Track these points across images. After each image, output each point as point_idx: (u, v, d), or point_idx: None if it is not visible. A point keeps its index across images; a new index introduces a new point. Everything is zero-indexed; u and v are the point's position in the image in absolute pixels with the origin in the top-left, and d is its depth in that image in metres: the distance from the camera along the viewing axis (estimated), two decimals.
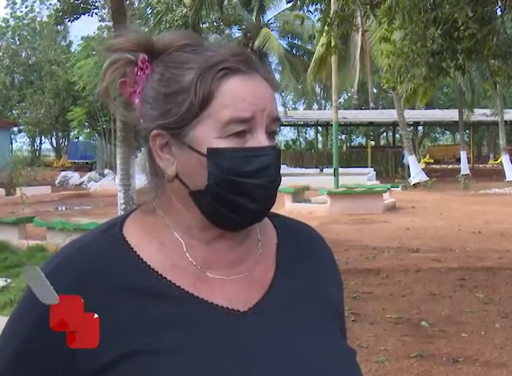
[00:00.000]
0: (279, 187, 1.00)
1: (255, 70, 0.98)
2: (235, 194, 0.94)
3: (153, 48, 1.00)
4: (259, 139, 0.95)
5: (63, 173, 31.50)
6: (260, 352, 0.95)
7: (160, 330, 0.93)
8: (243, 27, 32.03)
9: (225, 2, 28.53)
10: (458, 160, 34.69)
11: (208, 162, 0.94)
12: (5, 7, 55.02)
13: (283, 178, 1.04)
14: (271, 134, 0.98)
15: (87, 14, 20.32)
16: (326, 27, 9.37)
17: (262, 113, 0.96)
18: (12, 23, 47.95)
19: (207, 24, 28.64)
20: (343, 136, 53.99)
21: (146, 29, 27.34)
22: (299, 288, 1.06)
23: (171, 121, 0.96)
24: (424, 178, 25.40)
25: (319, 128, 45.81)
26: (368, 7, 9.55)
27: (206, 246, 1.00)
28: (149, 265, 0.98)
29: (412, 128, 38.10)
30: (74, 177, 30.35)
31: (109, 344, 0.92)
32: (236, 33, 33.94)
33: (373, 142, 49.04)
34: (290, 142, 57.53)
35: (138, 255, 0.99)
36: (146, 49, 1.00)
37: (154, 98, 0.98)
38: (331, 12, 9.58)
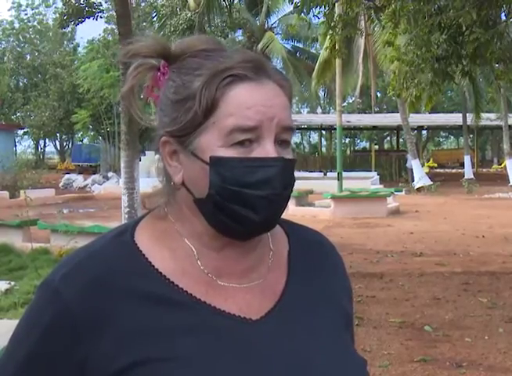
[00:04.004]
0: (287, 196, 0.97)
1: (267, 77, 0.95)
2: (236, 204, 0.92)
3: (170, 54, 1.00)
4: (266, 150, 0.93)
5: (66, 176, 31.54)
6: (272, 360, 0.94)
7: (173, 337, 0.92)
8: (248, 30, 32.09)
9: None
10: (462, 165, 34.63)
11: (210, 171, 0.93)
12: (9, 9, 54.98)
13: None
14: (283, 143, 0.96)
15: (92, 17, 20.35)
16: (329, 31, 9.37)
17: (270, 122, 0.93)
18: (16, 25, 48.09)
19: (212, 28, 28.68)
20: (347, 140, 54.00)
21: (151, 33, 27.35)
22: (311, 297, 1.05)
23: (177, 129, 0.96)
24: (428, 182, 25.38)
25: (323, 132, 45.78)
26: (372, 11, 9.55)
27: (217, 254, 0.99)
28: (161, 273, 0.97)
29: (416, 132, 37.99)
30: (78, 180, 30.40)
31: (122, 351, 0.91)
32: (240, 36, 34.01)
33: (376, 146, 49.02)
34: (294, 146, 57.52)
35: (150, 262, 0.98)
36: (163, 55, 1.00)
37: (165, 105, 0.98)
38: (335, 15, 9.58)
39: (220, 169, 0.92)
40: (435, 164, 42.68)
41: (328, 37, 10.11)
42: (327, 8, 9.42)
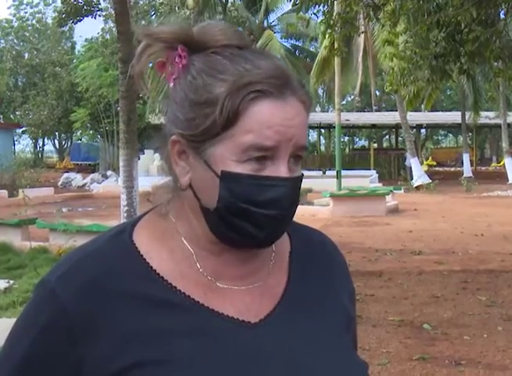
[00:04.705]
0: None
1: (291, 93, 0.92)
2: (243, 220, 0.91)
3: (193, 43, 0.96)
4: (279, 170, 0.91)
5: (65, 175, 31.52)
6: (270, 364, 0.93)
7: (171, 339, 0.92)
8: (246, 28, 32.07)
9: (228, 4, 28.59)
10: (461, 163, 34.66)
11: (221, 185, 0.91)
12: (9, 7, 54.90)
13: None
14: (296, 158, 0.94)
15: (90, 16, 20.34)
16: (328, 30, 9.37)
17: (288, 142, 0.91)
18: (15, 24, 48.04)
19: None
20: (346, 139, 54.02)
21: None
22: (312, 298, 1.04)
23: (192, 134, 0.93)
24: (427, 180, 25.40)
25: (322, 131, 45.79)
26: (370, 9, 9.55)
27: (215, 258, 0.98)
28: (159, 274, 0.96)
29: (414, 130, 38.00)
30: (77, 178, 30.38)
31: (119, 353, 0.91)
32: None
33: (375, 145, 49.01)
34: None
35: (148, 263, 0.96)
36: (184, 42, 0.96)
37: (182, 101, 0.94)
38: (334, 14, 9.58)
39: (230, 185, 0.91)
40: (434, 163, 42.71)
41: (327, 35, 10.10)
42: (326, 6, 9.42)
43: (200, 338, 0.92)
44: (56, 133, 49.25)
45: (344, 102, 46.58)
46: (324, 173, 29.91)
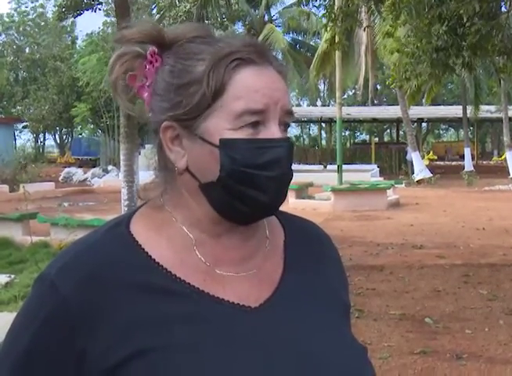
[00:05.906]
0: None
1: (268, 62, 0.97)
2: (246, 186, 0.93)
3: (164, 40, 0.99)
4: (272, 131, 0.94)
5: (66, 169, 31.53)
6: (271, 347, 0.94)
7: (172, 327, 0.92)
8: (247, 22, 32.01)
9: None
10: (462, 157, 34.62)
11: (221, 153, 0.93)
12: (10, 2, 54.82)
13: None
14: (284, 126, 0.98)
15: (90, 10, 20.26)
16: (330, 23, 9.35)
17: (275, 105, 0.95)
18: (16, 18, 48.00)
19: (211, 20, 28.59)
20: (347, 133, 53.98)
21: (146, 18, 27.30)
22: (308, 285, 1.05)
23: (182, 113, 0.95)
24: (428, 174, 25.37)
25: (323, 125, 45.75)
26: (372, 2, 9.53)
27: (215, 241, 0.99)
28: (159, 263, 0.96)
29: (415, 124, 37.95)
30: (78, 173, 30.40)
31: (122, 342, 0.91)
32: (240, 29, 33.95)
33: (376, 139, 48.98)
34: (294, 139, 57.49)
35: (147, 252, 0.97)
36: (156, 41, 0.99)
37: (165, 90, 0.97)
38: (335, 7, 9.56)
39: (230, 151, 0.93)
40: (435, 157, 42.66)
41: (328, 29, 10.07)
42: (328, 0, 9.41)
43: (200, 323, 0.93)
44: (57, 128, 49.30)
45: (345, 96, 46.52)
46: (325, 167, 29.92)
